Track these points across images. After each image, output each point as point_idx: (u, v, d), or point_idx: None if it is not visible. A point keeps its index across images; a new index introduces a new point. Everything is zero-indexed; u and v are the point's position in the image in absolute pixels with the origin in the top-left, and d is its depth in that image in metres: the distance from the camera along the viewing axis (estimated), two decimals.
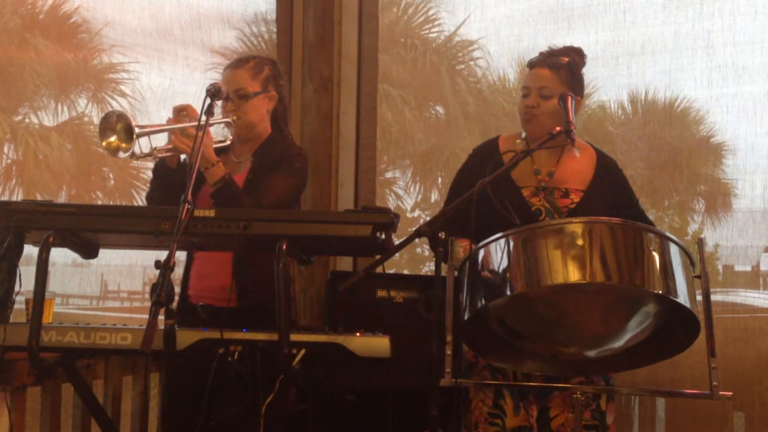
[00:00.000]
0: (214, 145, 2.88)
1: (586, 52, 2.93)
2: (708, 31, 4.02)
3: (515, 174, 2.79)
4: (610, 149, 3.05)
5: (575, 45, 2.93)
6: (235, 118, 2.98)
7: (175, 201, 2.37)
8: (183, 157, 2.88)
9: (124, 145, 2.61)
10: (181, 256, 3.11)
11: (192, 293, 3.07)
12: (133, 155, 2.66)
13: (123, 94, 5.76)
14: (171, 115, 2.83)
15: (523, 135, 2.92)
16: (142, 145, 2.69)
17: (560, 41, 2.95)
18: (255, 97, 3.01)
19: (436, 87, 6.24)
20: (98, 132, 2.63)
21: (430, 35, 6.53)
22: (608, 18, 4.21)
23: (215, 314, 2.87)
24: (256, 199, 2.86)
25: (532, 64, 2.88)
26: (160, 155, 2.79)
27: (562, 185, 2.85)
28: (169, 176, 2.89)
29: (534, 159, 2.84)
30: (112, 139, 2.60)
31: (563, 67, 2.82)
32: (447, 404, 2.32)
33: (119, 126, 2.60)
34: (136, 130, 2.58)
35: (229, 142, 3.04)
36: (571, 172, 2.88)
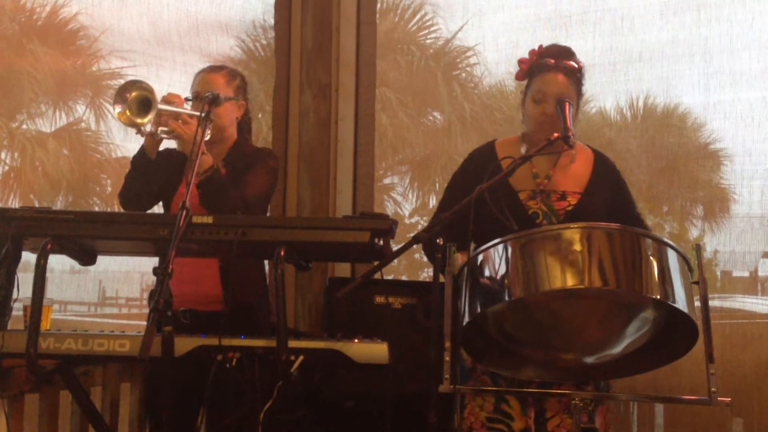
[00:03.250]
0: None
1: (583, 58, 2.92)
2: (705, 38, 4.03)
3: (512, 178, 2.78)
4: (608, 155, 3.05)
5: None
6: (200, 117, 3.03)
7: (149, 199, 2.40)
8: (162, 147, 2.95)
9: (138, 120, 2.69)
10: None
11: (177, 298, 3.06)
12: (139, 131, 2.74)
13: None
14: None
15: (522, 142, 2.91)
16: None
17: None
18: (227, 102, 3.05)
19: (433, 93, 6.25)
20: (114, 97, 2.70)
21: (427, 41, 6.55)
22: (606, 25, 4.22)
23: (197, 319, 2.92)
24: (239, 192, 2.90)
25: (544, 68, 2.82)
26: (162, 136, 2.85)
27: (559, 188, 2.85)
28: (148, 166, 2.94)
29: (533, 163, 2.83)
30: (120, 109, 2.67)
31: (576, 73, 2.81)
32: (445, 410, 2.31)
33: (134, 95, 2.66)
34: (159, 106, 2.63)
35: (207, 137, 3.07)
36: (569, 174, 2.87)
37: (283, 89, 4.10)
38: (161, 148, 2.96)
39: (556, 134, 2.56)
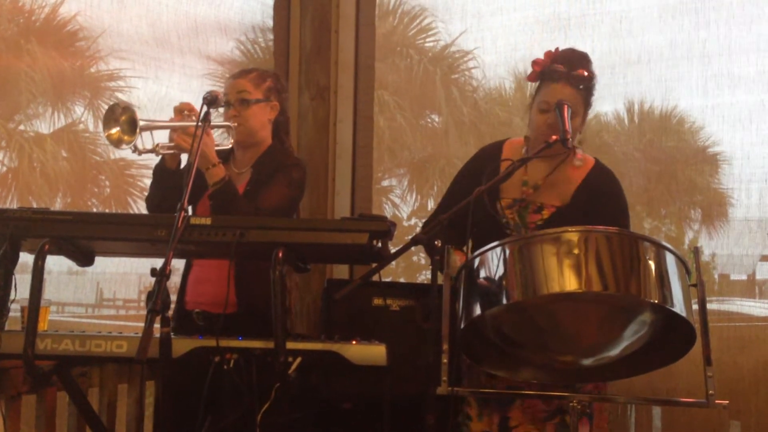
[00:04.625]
0: (216, 148, 2.89)
1: None
2: (704, 41, 4.04)
3: (504, 182, 2.75)
4: (606, 159, 3.04)
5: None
6: (236, 124, 2.99)
7: (174, 203, 2.37)
8: (183, 158, 2.89)
9: (126, 137, 2.64)
10: (178, 263, 3.11)
11: (189, 299, 3.07)
12: (135, 149, 2.67)
13: None
14: (173, 116, 2.85)
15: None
16: (145, 142, 2.72)
17: None
18: (256, 104, 3.02)
19: (431, 96, 6.25)
20: (102, 122, 2.67)
21: (426, 44, 6.55)
22: (604, 27, 4.22)
23: (211, 321, 2.88)
24: (254, 205, 2.86)
25: (551, 77, 2.77)
26: (162, 152, 2.81)
27: (539, 200, 2.83)
28: (169, 178, 2.90)
29: (527, 169, 2.81)
30: (114, 130, 2.64)
31: (585, 83, 2.76)
32: (443, 412, 2.31)
33: (123, 118, 2.63)
34: (141, 123, 2.61)
35: (230, 145, 3.04)
36: (556, 186, 2.83)
37: None
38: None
39: (554, 137, 2.56)
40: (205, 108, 2.56)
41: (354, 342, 2.44)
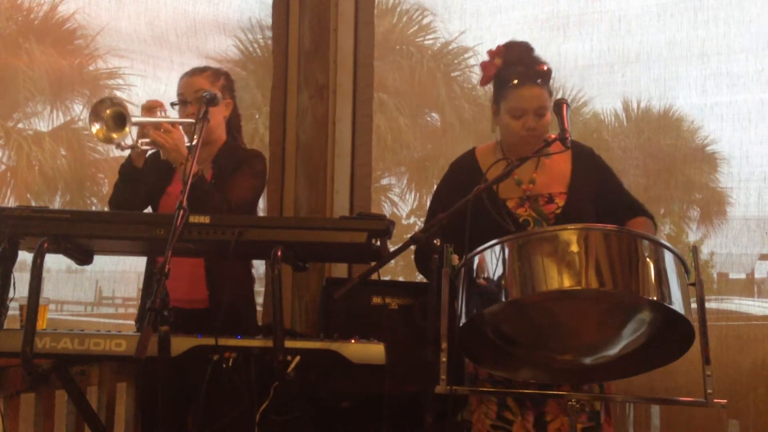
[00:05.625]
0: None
1: (581, 60, 2.92)
2: (702, 40, 4.04)
3: (500, 187, 2.77)
4: (605, 157, 3.05)
5: (567, 52, 2.90)
6: (195, 120, 3.00)
7: (137, 202, 2.39)
8: (149, 154, 2.96)
9: (115, 135, 2.64)
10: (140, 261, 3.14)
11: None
12: (118, 145, 2.70)
13: None
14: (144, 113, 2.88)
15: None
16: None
17: (555, 49, 2.94)
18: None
19: (431, 94, 6.25)
20: (89, 117, 2.67)
21: (426, 42, 6.55)
22: (603, 26, 4.22)
23: (183, 317, 2.88)
24: (223, 198, 2.89)
25: (523, 82, 2.78)
26: (144, 147, 2.84)
27: (544, 190, 2.85)
28: (136, 175, 2.94)
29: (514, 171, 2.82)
30: (98, 126, 2.63)
31: (548, 78, 2.80)
32: (442, 411, 2.31)
33: (108, 113, 2.62)
34: (132, 119, 2.61)
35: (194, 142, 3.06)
36: (551, 174, 2.87)
37: (280, 90, 4.10)
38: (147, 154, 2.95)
39: (553, 135, 2.56)
40: (204, 107, 2.58)
41: (353, 341, 2.44)
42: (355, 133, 4.11)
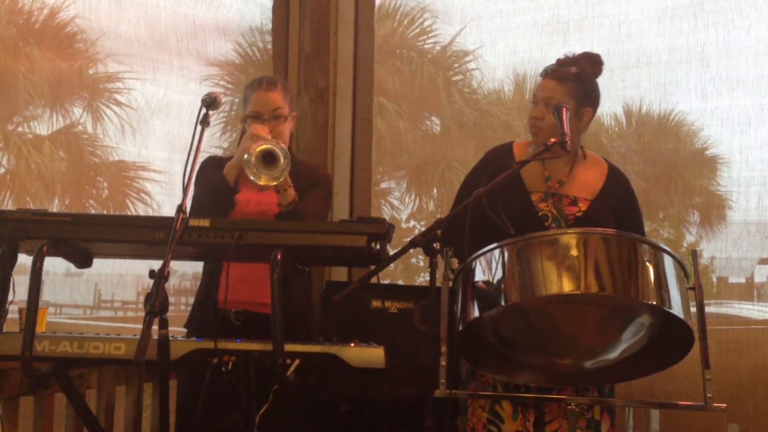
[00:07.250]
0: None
1: None
2: (702, 44, 4.04)
3: (527, 178, 2.81)
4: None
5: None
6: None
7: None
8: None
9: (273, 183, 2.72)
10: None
11: (230, 298, 3.00)
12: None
13: (118, 104, 5.75)
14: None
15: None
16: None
17: (555, 53, 2.95)
18: (287, 119, 3.02)
19: (431, 98, 6.24)
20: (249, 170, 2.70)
21: (426, 46, 6.55)
22: (603, 31, 4.23)
23: (251, 321, 2.87)
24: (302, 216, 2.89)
25: (543, 74, 2.89)
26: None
27: (571, 193, 2.86)
28: (230, 194, 2.91)
29: (546, 166, 2.85)
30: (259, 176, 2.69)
31: (571, 79, 2.82)
32: (441, 415, 2.31)
33: (254, 160, 2.68)
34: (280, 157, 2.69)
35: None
36: (581, 182, 2.89)
37: None
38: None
39: (553, 139, 2.56)
40: (204, 110, 2.56)
41: (352, 344, 2.43)
42: (355, 137, 4.11)
